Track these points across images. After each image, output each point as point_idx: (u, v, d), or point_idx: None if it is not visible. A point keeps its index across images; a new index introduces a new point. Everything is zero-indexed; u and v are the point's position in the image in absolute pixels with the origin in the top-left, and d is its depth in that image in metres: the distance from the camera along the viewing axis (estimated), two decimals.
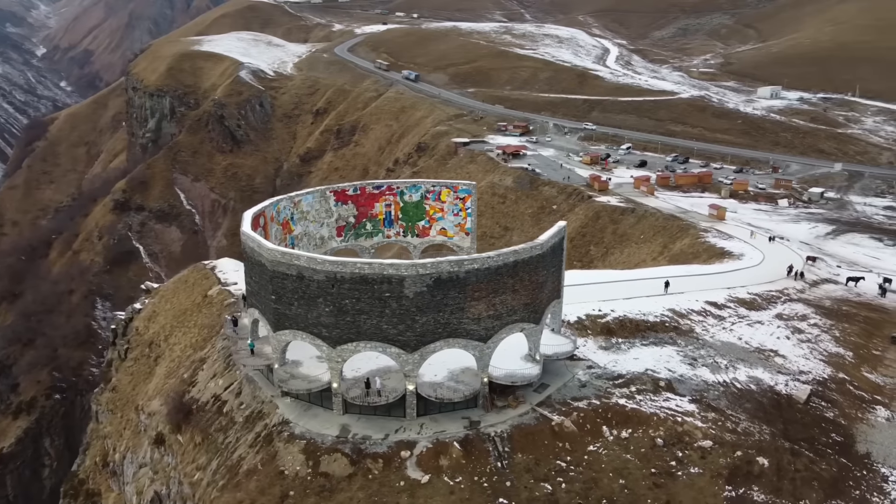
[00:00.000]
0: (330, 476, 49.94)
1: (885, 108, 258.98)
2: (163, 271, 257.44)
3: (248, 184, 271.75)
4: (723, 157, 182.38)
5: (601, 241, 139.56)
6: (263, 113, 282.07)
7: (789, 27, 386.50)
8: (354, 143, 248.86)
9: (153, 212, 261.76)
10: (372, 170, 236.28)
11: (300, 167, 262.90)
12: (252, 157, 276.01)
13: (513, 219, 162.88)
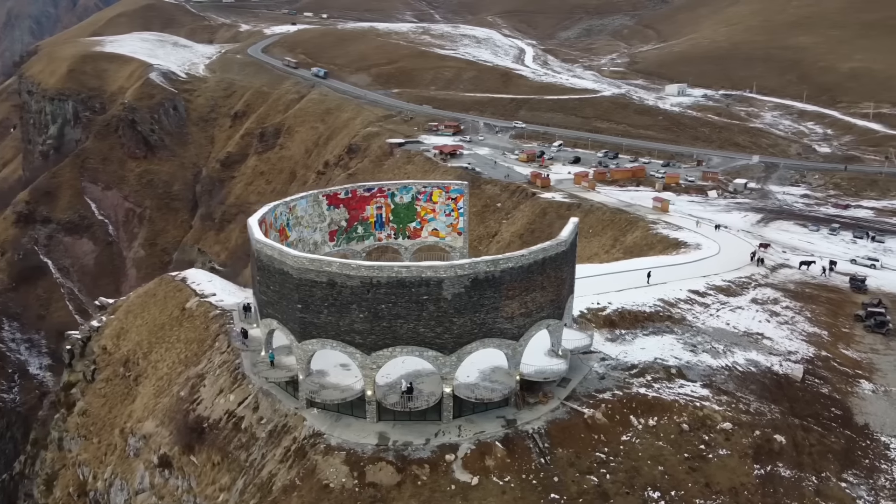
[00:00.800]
0: (378, 485, 48.93)
1: (781, 103, 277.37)
2: (76, 286, 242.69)
3: (165, 191, 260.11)
4: (649, 151, 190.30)
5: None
6: (178, 117, 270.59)
7: (687, 28, 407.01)
8: (279, 146, 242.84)
9: (61, 224, 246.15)
10: (300, 173, 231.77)
11: (221, 172, 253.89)
12: (168, 163, 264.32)
13: None
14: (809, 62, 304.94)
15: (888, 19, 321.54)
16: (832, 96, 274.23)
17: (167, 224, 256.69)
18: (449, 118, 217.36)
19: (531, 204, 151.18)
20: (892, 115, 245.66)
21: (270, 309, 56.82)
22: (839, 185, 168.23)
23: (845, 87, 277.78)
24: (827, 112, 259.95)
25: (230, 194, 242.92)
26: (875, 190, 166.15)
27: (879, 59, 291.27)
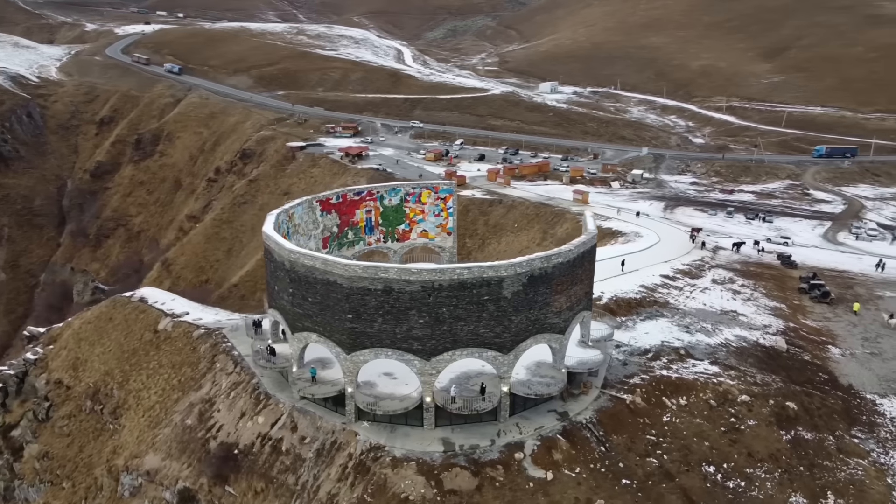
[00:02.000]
0: (458, 492, 48.25)
1: (644, 98, 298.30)
2: None
3: (25, 206, 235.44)
4: (546, 147, 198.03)
5: (475, 233, 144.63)
6: (33, 124, 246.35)
7: (547, 29, 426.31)
8: (160, 153, 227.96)
9: None
10: (186, 181, 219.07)
11: (92, 184, 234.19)
12: (26, 175, 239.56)
13: None
14: (664, 60, 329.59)
15: (726, 21, 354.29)
16: (688, 91, 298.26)
17: (30, 243, 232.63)
18: (345, 120, 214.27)
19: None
20: (741, 107, 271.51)
21: (308, 322, 54.04)
22: (719, 173, 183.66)
23: (698, 83, 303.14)
24: (686, 106, 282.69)
25: (105, 207, 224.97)
26: (749, 176, 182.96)
27: (724, 57, 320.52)
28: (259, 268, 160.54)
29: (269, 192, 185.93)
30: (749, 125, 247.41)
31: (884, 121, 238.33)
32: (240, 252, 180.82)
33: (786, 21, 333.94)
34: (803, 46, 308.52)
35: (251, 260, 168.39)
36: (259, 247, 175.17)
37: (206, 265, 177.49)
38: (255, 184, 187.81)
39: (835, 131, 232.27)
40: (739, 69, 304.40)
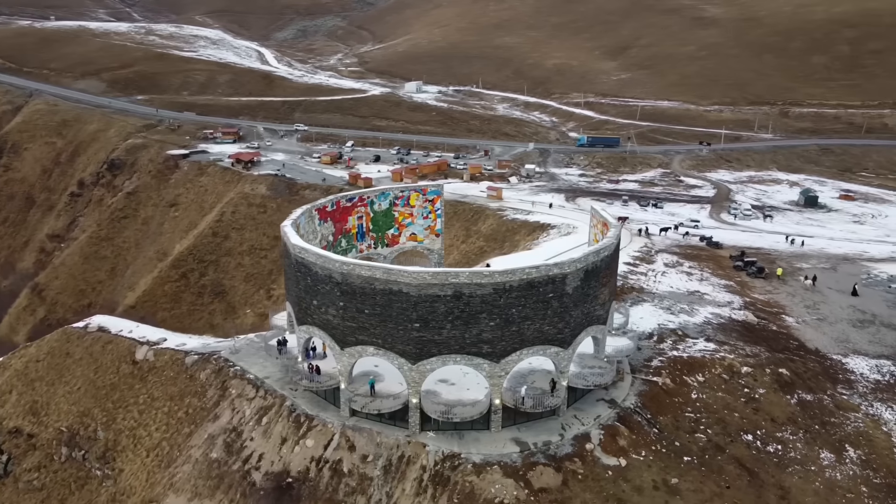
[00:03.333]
0: (548, 489, 48.75)
1: (507, 96, 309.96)
2: None
3: None
4: (436, 145, 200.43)
5: None
6: None
7: (399, 29, 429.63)
8: (4, 166, 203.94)
9: None
10: (41, 196, 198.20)
11: None
12: None
13: None
14: (520, 59, 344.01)
15: (571, 23, 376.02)
16: (546, 88, 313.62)
17: None
18: (223, 124, 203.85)
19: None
20: (597, 103, 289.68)
21: (364, 335, 51.75)
22: (601, 164, 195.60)
23: (554, 80, 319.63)
24: (547, 102, 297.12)
25: None
26: (627, 166, 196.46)
27: (574, 56, 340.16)
28: (158, 286, 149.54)
29: (153, 205, 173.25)
30: (608, 119, 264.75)
31: (721, 112, 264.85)
32: (125, 271, 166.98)
33: (624, 22, 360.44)
34: (642, 46, 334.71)
35: (144, 279, 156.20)
36: (149, 263, 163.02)
37: (88, 288, 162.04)
38: (135, 197, 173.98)
39: (683, 122, 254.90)
40: (590, 67, 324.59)
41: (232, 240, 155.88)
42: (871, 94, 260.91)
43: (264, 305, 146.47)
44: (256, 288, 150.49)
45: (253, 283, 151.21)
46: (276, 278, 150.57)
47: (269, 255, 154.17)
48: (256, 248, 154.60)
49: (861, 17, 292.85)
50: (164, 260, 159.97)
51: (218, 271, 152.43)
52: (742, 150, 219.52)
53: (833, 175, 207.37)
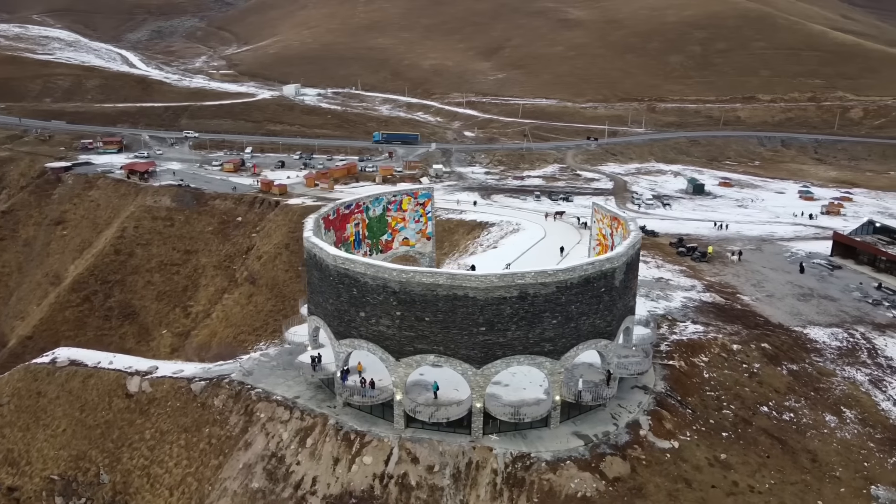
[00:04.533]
0: (622, 478, 50.23)
1: (387, 97, 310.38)
2: None
3: None
4: (337, 149, 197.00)
5: None
6: None
7: (265, 30, 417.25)
8: None
9: None
10: None
11: None
12: None
13: (193, 240, 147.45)
14: (396, 60, 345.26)
15: (442, 24, 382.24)
16: (426, 89, 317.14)
17: None
18: (101, 133, 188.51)
19: (283, 212, 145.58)
20: (479, 102, 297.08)
21: (424, 344, 50.60)
22: (502, 162, 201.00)
23: (433, 81, 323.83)
24: (429, 103, 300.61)
25: None
26: (526, 163, 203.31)
27: (449, 57, 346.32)
28: (57, 312, 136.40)
29: (35, 224, 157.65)
30: (492, 117, 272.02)
31: (596, 109, 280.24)
32: (9, 299, 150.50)
33: (493, 24, 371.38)
34: (514, 47, 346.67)
35: (37, 306, 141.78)
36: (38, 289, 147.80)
37: None
38: (12, 216, 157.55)
39: (563, 119, 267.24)
40: (466, 67, 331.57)
41: (138, 257, 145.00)
42: (723, 90, 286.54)
43: (182, 325, 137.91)
44: (171, 306, 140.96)
45: (166, 301, 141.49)
46: (192, 294, 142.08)
47: (181, 271, 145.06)
48: (167, 263, 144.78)
49: (708, 20, 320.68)
50: (57, 284, 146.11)
51: (125, 291, 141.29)
52: (624, 144, 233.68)
53: (703, 164, 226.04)
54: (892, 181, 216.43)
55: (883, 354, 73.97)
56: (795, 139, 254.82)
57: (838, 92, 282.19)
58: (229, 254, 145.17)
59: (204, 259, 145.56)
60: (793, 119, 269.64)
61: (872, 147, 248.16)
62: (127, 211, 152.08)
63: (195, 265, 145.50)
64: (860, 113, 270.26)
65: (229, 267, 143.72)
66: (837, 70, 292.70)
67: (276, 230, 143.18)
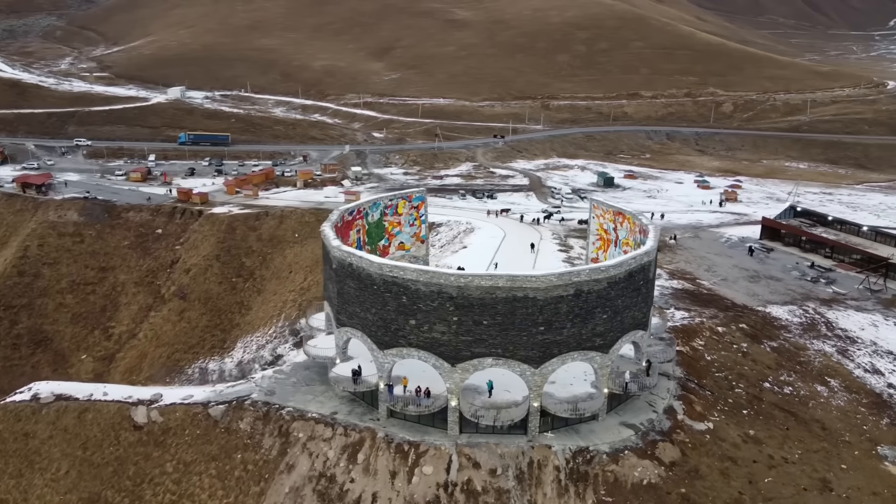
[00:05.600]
0: (677, 462, 52.19)
1: (280, 99, 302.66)
2: None
3: None
4: (248, 154, 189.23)
5: (251, 251, 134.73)
6: None
7: (136, 30, 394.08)
8: None
9: None
10: None
11: None
12: None
13: (108, 256, 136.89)
14: (285, 61, 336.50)
15: (329, 24, 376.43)
16: (320, 90, 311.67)
17: None
18: None
19: (209, 222, 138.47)
20: (377, 102, 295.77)
21: (480, 348, 50.09)
22: (417, 162, 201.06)
23: (326, 82, 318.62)
24: (325, 105, 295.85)
25: None
26: (440, 162, 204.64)
27: (340, 57, 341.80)
28: None
29: None
30: (392, 118, 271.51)
31: (493, 108, 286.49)
32: None
33: (381, 24, 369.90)
34: (405, 47, 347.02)
35: None
36: None
37: None
38: None
39: (463, 118, 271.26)
40: (359, 68, 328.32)
41: (45, 277, 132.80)
42: (609, 87, 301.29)
43: (104, 348, 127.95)
44: (89, 329, 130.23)
45: (83, 324, 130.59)
46: (112, 315, 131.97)
47: (97, 290, 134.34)
48: (79, 283, 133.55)
49: (589, 21, 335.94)
50: None
51: (34, 316, 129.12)
52: (527, 141, 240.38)
53: (601, 158, 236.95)
54: (766, 169, 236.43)
55: (838, 327, 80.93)
56: (678, 132, 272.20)
57: (710, 88, 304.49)
58: (151, 269, 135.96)
59: (122, 276, 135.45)
60: (674, 114, 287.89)
61: (745, 138, 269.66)
62: (27, 228, 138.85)
63: (113, 283, 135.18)
64: (731, 107, 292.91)
65: (153, 283, 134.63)
66: (707, 68, 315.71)
67: (204, 241, 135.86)
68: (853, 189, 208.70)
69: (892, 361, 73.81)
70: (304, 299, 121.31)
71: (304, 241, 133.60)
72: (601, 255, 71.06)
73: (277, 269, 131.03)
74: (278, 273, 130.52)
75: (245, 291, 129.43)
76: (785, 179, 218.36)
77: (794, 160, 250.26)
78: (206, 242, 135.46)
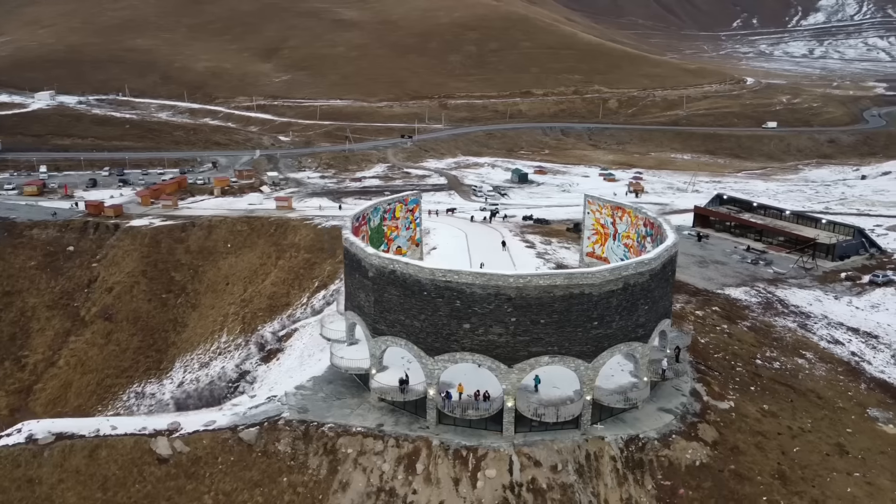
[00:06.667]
0: (717, 441, 54.81)
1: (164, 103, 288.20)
2: None
3: None
4: (150, 162, 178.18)
5: (180, 265, 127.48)
6: None
7: None
8: None
9: None
10: None
11: None
12: None
13: (12, 279, 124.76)
14: (164, 63, 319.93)
15: (208, 24, 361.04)
16: (206, 93, 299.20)
17: None
18: None
19: (128, 236, 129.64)
20: (271, 105, 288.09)
21: (537, 347, 50.25)
22: (331, 165, 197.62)
23: (212, 84, 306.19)
24: (215, 108, 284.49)
25: None
26: (353, 164, 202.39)
27: (224, 58, 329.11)
28: None
29: None
30: (291, 120, 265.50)
31: (392, 108, 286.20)
32: None
33: (264, 24, 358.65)
34: (292, 48, 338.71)
35: None
36: None
37: None
38: None
39: (363, 119, 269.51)
40: (246, 70, 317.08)
41: None
42: (502, 86, 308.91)
43: (18, 380, 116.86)
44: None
45: None
46: (23, 343, 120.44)
47: (3, 317, 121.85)
48: None
49: (478, 22, 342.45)
50: None
51: None
52: (433, 140, 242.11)
53: (503, 155, 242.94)
54: (656, 160, 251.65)
55: (791, 304, 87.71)
56: (572, 128, 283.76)
57: (595, 85, 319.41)
58: (66, 290, 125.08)
59: (32, 299, 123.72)
60: (565, 110, 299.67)
61: (632, 132, 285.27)
62: None
63: (21, 308, 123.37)
64: (616, 103, 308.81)
65: (69, 305, 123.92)
66: (590, 66, 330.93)
67: (126, 257, 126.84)
68: (736, 177, 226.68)
69: (846, 332, 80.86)
70: (247, 312, 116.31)
71: (238, 252, 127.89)
72: (597, 249, 73.09)
73: (212, 282, 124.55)
74: (213, 286, 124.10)
75: (178, 308, 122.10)
76: (675, 170, 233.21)
77: (677, 152, 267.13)
78: (128, 258, 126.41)
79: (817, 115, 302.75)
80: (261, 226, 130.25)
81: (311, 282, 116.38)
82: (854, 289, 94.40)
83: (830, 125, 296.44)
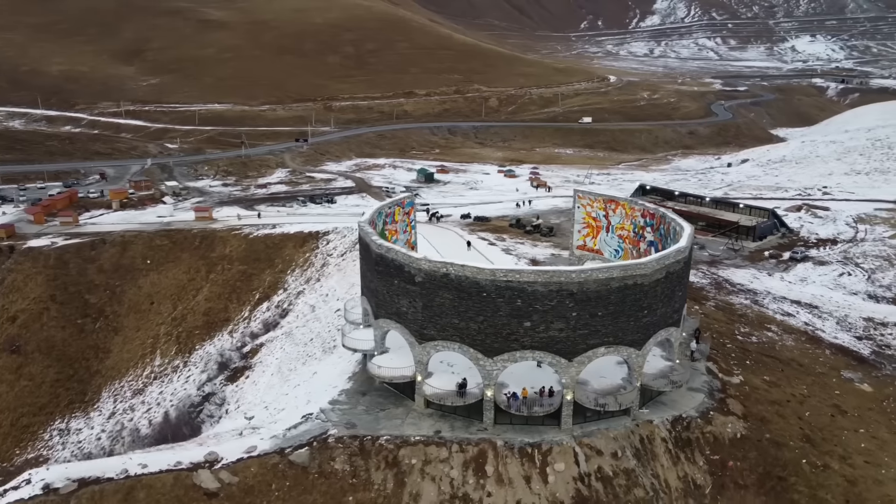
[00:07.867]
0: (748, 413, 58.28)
1: (13, 111, 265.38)
2: None
3: None
4: (27, 175, 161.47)
5: (94, 286, 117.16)
6: None
7: None
8: None
9: None
10: None
11: None
12: None
13: None
14: (10, 67, 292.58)
15: (56, 24, 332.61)
16: (63, 99, 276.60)
17: None
18: None
19: (28, 259, 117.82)
20: (142, 111, 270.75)
21: (595, 339, 51.06)
22: (230, 172, 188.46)
23: (69, 89, 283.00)
24: (77, 115, 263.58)
25: None
26: (252, 170, 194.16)
27: (80, 61, 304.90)
28: None
29: None
30: (167, 126, 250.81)
31: (276, 111, 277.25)
32: None
33: (122, 24, 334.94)
34: (157, 49, 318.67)
35: None
36: None
37: None
38: None
39: (246, 123, 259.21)
40: (108, 73, 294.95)
41: None
42: (384, 87, 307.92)
43: None
44: None
45: None
46: None
47: None
48: None
49: (353, 22, 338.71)
50: None
51: None
52: (326, 143, 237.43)
53: (397, 155, 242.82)
54: (542, 156, 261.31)
55: (735, 282, 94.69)
56: (458, 127, 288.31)
57: (475, 85, 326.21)
58: None
59: None
60: (449, 110, 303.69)
61: (515, 130, 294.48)
62: None
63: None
64: (496, 102, 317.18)
65: None
66: (468, 66, 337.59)
67: (28, 281, 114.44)
68: (619, 168, 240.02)
69: (791, 305, 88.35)
70: (181, 331, 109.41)
71: (160, 268, 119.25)
72: (588, 241, 75.07)
73: (134, 303, 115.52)
74: (136, 306, 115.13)
75: (97, 333, 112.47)
76: (563, 164, 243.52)
77: (560, 147, 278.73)
78: (31, 283, 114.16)
79: (676, 110, 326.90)
80: (183, 239, 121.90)
81: (250, 294, 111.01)
82: (780, 265, 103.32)
83: (688, 118, 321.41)
